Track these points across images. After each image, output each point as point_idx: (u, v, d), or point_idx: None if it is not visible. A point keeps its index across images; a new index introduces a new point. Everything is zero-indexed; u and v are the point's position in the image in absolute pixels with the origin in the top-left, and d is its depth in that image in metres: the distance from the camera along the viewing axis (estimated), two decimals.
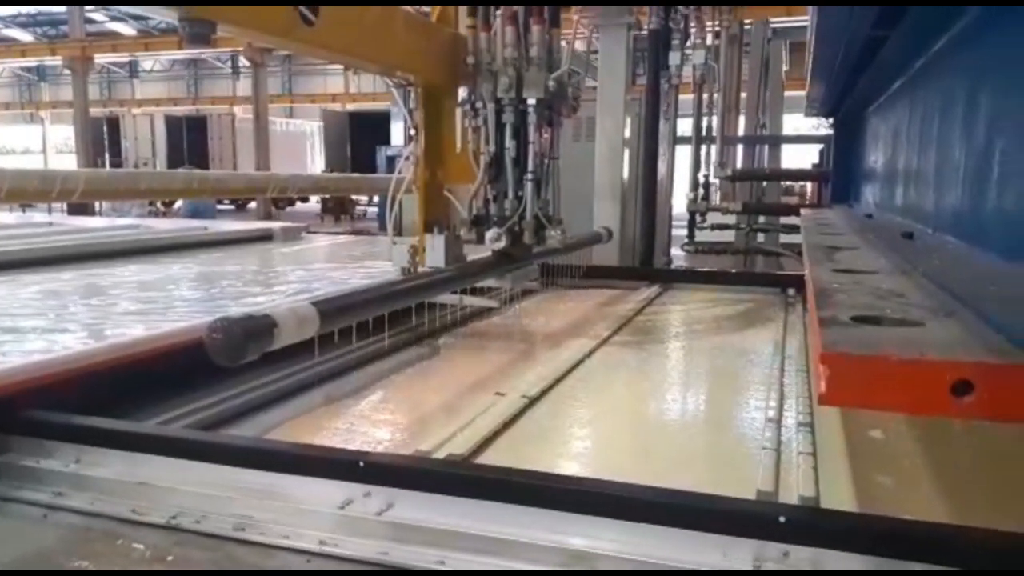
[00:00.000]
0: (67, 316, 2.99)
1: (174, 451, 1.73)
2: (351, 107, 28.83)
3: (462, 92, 3.29)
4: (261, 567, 1.45)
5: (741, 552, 1.34)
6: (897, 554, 1.27)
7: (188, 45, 2.11)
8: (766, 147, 9.48)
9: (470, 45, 3.23)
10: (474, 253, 3.48)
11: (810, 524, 1.37)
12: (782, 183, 10.65)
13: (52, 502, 1.68)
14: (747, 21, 8.50)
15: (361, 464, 1.59)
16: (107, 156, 24.44)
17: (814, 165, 9.54)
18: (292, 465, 1.63)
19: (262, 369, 2.43)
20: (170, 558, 1.48)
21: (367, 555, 1.45)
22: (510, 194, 3.30)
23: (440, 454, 1.92)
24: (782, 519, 1.34)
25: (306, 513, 1.55)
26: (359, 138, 24.14)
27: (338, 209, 21.35)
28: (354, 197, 21.33)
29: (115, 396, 2.11)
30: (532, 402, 2.44)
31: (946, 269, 1.60)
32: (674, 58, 6.10)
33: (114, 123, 25.41)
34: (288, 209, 23.26)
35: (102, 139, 24.54)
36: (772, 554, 1.33)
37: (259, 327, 1.83)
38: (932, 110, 2.42)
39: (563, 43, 3.40)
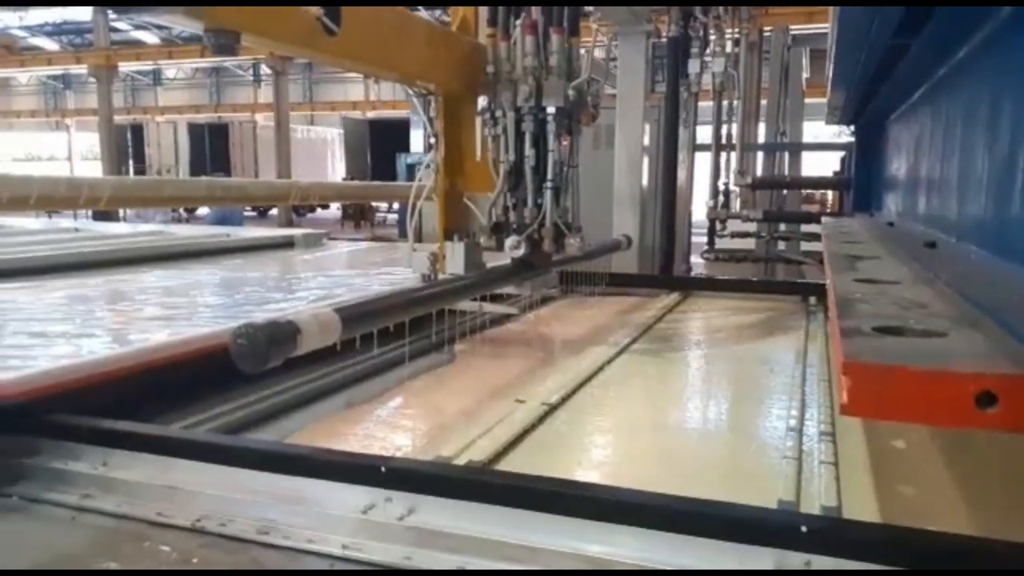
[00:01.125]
0: (94, 321, 3.04)
1: (200, 455, 1.75)
2: (371, 115, 29.06)
3: (482, 101, 3.32)
4: (285, 570, 1.47)
5: (762, 561, 1.34)
6: (921, 566, 1.26)
7: (213, 54, 2.14)
8: (786, 155, 9.44)
9: (490, 54, 3.26)
10: (493, 261, 3.49)
11: (833, 534, 1.36)
12: (802, 191, 10.59)
13: (80, 504, 1.71)
14: (767, 28, 8.48)
15: (383, 469, 1.60)
16: (131, 163, 24.80)
17: (835, 173, 9.48)
18: (315, 470, 1.65)
19: (281, 375, 2.45)
20: (195, 560, 1.50)
21: (389, 560, 1.46)
22: (529, 202, 3.31)
23: (461, 460, 1.94)
24: (804, 528, 1.34)
25: (329, 517, 1.57)
26: (379, 145, 24.37)
27: (358, 216, 21.54)
28: (374, 204, 21.50)
29: (141, 400, 2.14)
30: (552, 409, 2.44)
31: (969, 279, 1.59)
32: (693, 66, 6.10)
33: (138, 130, 25.82)
34: (309, 215, 23.49)
35: (126, 146, 24.93)
36: (794, 563, 1.32)
37: (283, 333, 1.85)
38: (955, 118, 2.41)
39: (582, 51, 3.42)
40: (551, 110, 3.19)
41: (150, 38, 30.58)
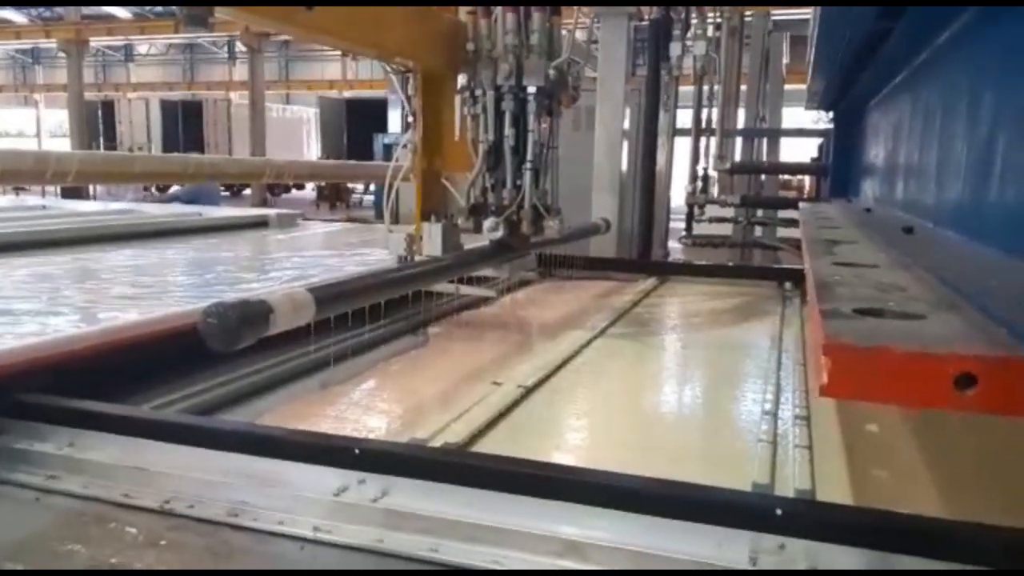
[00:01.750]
0: (61, 299, 2.97)
1: (168, 436, 1.71)
2: (348, 94, 28.78)
3: (461, 79, 3.27)
4: (255, 552, 1.45)
5: (736, 544, 1.34)
6: (894, 548, 1.27)
7: (185, 27, 2.09)
8: (765, 140, 9.47)
9: (470, 32, 3.21)
10: (471, 242, 3.47)
11: (807, 517, 1.36)
12: (780, 177, 10.65)
13: (45, 485, 1.67)
14: (748, 13, 8.47)
15: (357, 451, 1.58)
16: (102, 140, 24.31)
17: (812, 159, 9.54)
18: (287, 451, 1.62)
19: (253, 356, 2.41)
20: (163, 542, 1.47)
21: (361, 542, 1.44)
22: (508, 183, 3.29)
23: (436, 442, 1.92)
24: (779, 511, 1.34)
25: (301, 499, 1.54)
26: (356, 125, 24.12)
27: (334, 196, 21.34)
28: (350, 184, 21.32)
29: (109, 380, 2.09)
30: (528, 392, 2.43)
31: (947, 263, 1.60)
32: (675, 49, 6.08)
33: (109, 107, 25.32)
34: (284, 196, 23.23)
35: (97, 123, 24.44)
36: (768, 546, 1.32)
37: (254, 313, 1.82)
38: (934, 104, 2.41)
39: (564, 31, 3.38)
40: (531, 89, 3.17)
41: (122, 12, 29.92)
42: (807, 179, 13.26)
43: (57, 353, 2.06)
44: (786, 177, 12.59)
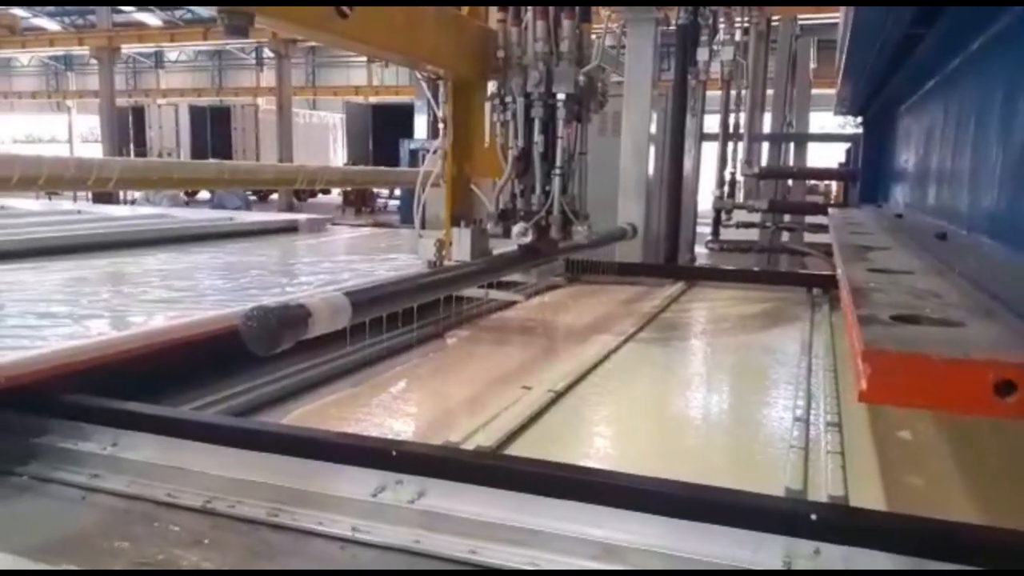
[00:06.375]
0: (100, 303, 3.04)
1: (209, 436, 1.75)
2: (374, 100, 28.94)
3: (491, 86, 3.30)
4: (296, 552, 1.48)
5: (771, 549, 1.35)
6: (929, 554, 1.27)
7: (227, 36, 2.14)
8: (791, 145, 9.40)
9: (500, 39, 3.24)
10: (500, 247, 3.49)
11: (842, 522, 1.36)
12: (806, 183, 10.56)
13: (90, 484, 1.72)
14: (775, 17, 8.41)
15: (394, 453, 1.60)
16: (132, 146, 24.66)
17: (840, 164, 9.46)
18: (325, 452, 1.65)
19: (280, 360, 2.44)
20: (206, 541, 1.51)
21: (400, 542, 1.47)
22: (537, 189, 3.31)
23: (468, 445, 1.94)
24: (814, 517, 1.34)
25: (339, 500, 1.57)
26: (381, 130, 24.24)
27: (359, 201, 21.50)
28: (375, 190, 21.47)
29: (151, 381, 2.14)
30: (558, 397, 2.44)
31: (983, 270, 1.59)
32: (702, 54, 6.06)
33: (139, 113, 25.66)
34: (309, 200, 23.42)
35: (127, 129, 24.78)
36: (803, 551, 1.33)
37: (294, 316, 1.86)
38: (968, 109, 2.39)
39: (593, 38, 3.40)
40: (561, 96, 3.19)
41: (153, 20, 30.42)
42: (834, 184, 13.15)
43: (101, 355, 2.11)
44: (812, 182, 12.49)
